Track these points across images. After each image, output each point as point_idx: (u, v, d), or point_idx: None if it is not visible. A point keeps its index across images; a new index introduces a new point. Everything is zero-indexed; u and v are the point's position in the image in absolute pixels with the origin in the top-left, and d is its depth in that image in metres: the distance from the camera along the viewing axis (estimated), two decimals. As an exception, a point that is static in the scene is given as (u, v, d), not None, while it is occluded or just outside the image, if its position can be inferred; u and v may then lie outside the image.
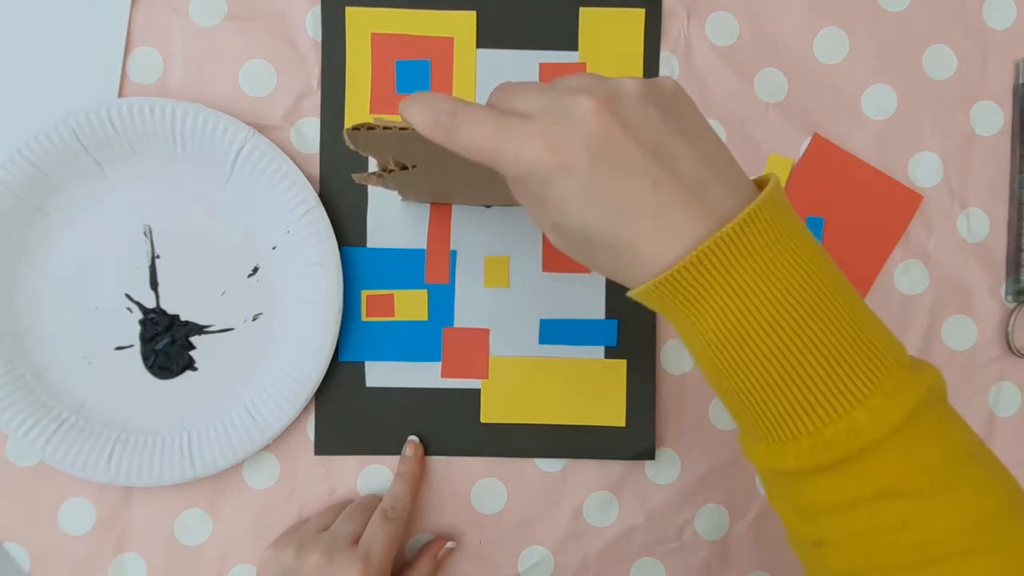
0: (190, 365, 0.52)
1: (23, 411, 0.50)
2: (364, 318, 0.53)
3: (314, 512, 0.53)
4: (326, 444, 0.53)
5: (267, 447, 0.52)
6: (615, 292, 0.54)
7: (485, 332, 0.53)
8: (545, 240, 0.53)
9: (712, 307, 0.32)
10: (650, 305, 0.34)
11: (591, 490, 0.54)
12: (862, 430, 0.31)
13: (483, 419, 0.53)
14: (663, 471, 0.54)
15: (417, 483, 0.52)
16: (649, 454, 0.54)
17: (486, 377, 0.53)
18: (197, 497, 0.52)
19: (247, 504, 0.52)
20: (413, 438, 0.53)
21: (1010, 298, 0.55)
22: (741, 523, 0.55)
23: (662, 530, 0.54)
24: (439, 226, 0.53)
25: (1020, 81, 0.55)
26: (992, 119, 0.55)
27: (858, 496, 0.32)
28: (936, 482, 0.32)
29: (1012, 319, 0.55)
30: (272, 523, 0.52)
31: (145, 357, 0.52)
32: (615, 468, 0.54)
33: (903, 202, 0.55)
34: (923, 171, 0.55)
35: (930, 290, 0.55)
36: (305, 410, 0.52)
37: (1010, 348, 0.55)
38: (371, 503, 0.51)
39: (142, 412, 0.52)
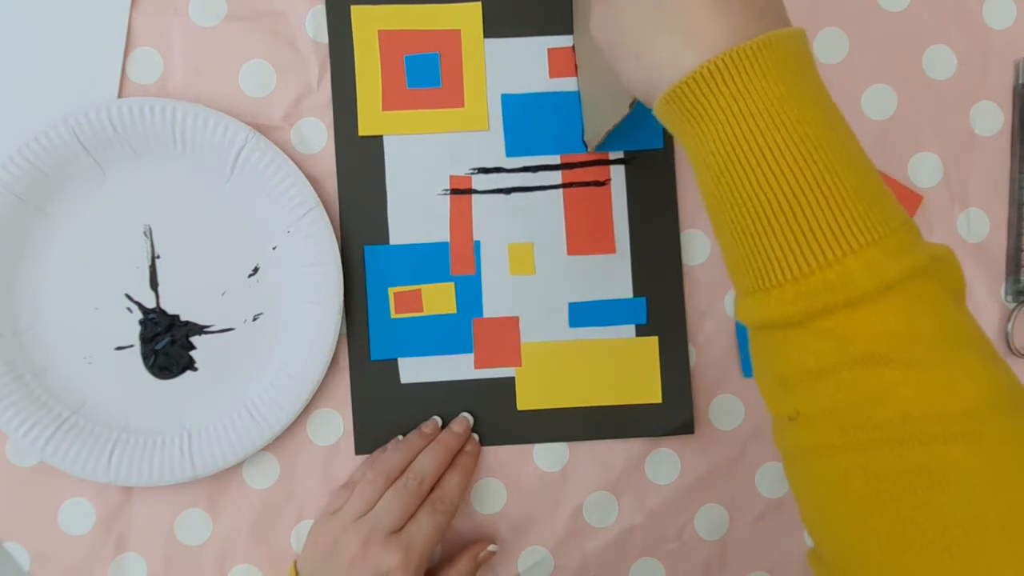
0: (190, 365, 0.52)
1: (23, 411, 0.50)
2: (393, 315, 0.53)
3: (322, 502, 0.52)
4: (366, 443, 0.53)
5: (267, 447, 0.52)
6: (641, 270, 0.54)
7: (515, 320, 0.53)
8: (568, 223, 0.53)
9: (718, 124, 0.31)
10: (667, 125, 0.34)
11: (591, 490, 0.54)
12: (851, 280, 0.30)
13: (519, 406, 0.53)
14: (663, 471, 0.54)
15: (470, 475, 0.52)
16: (688, 428, 0.54)
17: (519, 365, 0.53)
18: (197, 497, 0.52)
19: (247, 504, 0.52)
20: (466, 415, 0.53)
21: (1010, 298, 0.55)
22: (741, 523, 0.55)
23: (662, 530, 0.54)
24: (461, 217, 0.53)
25: (1020, 81, 0.55)
26: (992, 119, 0.55)
27: (839, 360, 0.31)
28: (928, 356, 0.30)
29: (1012, 319, 0.55)
30: (272, 523, 0.52)
31: (145, 357, 0.52)
32: (615, 468, 0.54)
33: (903, 202, 0.54)
34: (923, 171, 0.55)
35: (930, 290, 0.55)
36: (305, 410, 0.52)
37: (1010, 348, 0.55)
38: (418, 473, 0.49)
39: (142, 412, 0.52)
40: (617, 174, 0.54)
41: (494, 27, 0.53)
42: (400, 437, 0.52)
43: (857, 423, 0.31)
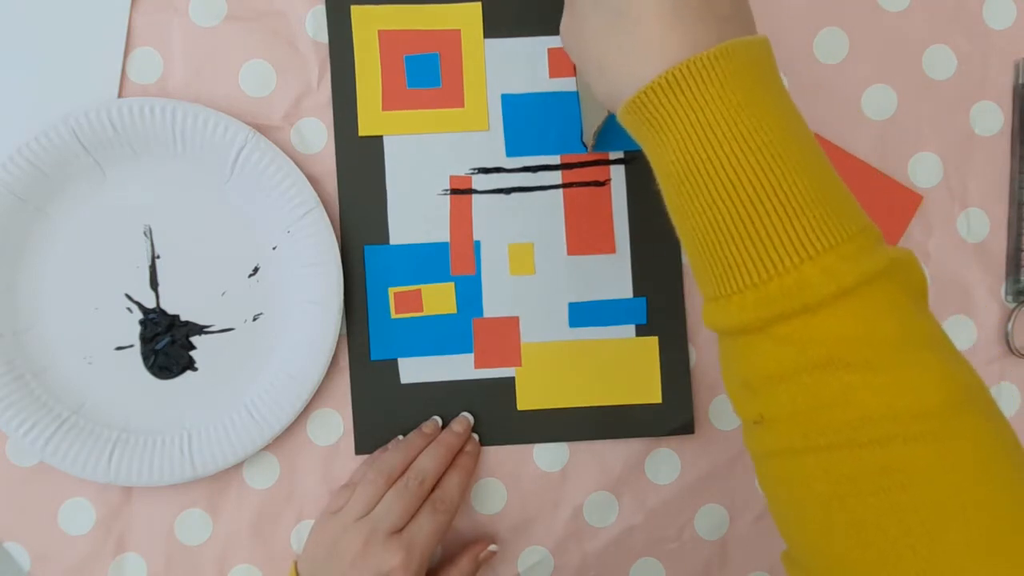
0: (190, 365, 0.52)
1: (23, 411, 0.50)
2: (393, 315, 0.53)
3: (322, 502, 0.53)
4: (366, 443, 0.53)
5: (267, 447, 0.52)
6: (641, 270, 0.54)
7: (515, 320, 0.53)
8: (568, 223, 0.53)
9: (677, 134, 0.32)
10: (631, 133, 0.34)
11: (591, 490, 0.54)
12: (808, 286, 0.30)
13: (520, 406, 0.53)
14: (663, 471, 0.54)
15: (471, 475, 0.52)
16: (688, 428, 0.54)
17: (519, 364, 0.53)
18: (197, 497, 0.52)
19: (247, 504, 0.52)
20: (466, 415, 0.53)
21: (1010, 298, 0.55)
22: (741, 523, 0.55)
23: (662, 530, 0.54)
24: (461, 217, 0.53)
25: (1020, 81, 0.55)
26: (992, 119, 0.55)
27: (799, 365, 0.31)
28: (886, 358, 0.30)
29: (1012, 319, 0.55)
30: (272, 523, 0.52)
31: (145, 357, 0.52)
32: (615, 468, 0.54)
33: (903, 202, 0.55)
34: (923, 171, 0.55)
35: (930, 290, 0.55)
36: (305, 410, 0.52)
37: (1010, 348, 0.55)
38: (421, 471, 0.49)
39: (142, 412, 0.52)
40: (617, 174, 0.54)
41: (494, 27, 0.53)
42: (400, 437, 0.52)
43: (818, 427, 0.31)
